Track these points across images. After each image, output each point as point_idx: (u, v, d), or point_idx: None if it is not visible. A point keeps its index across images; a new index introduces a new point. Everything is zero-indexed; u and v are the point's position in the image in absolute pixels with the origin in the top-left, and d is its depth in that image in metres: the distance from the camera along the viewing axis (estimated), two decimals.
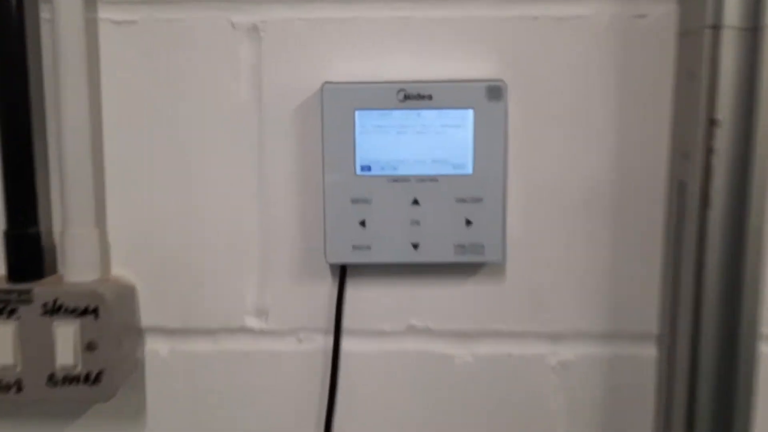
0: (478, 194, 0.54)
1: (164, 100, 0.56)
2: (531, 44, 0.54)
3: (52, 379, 0.53)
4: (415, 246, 0.55)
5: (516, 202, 0.56)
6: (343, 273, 0.57)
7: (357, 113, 0.53)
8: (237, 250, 0.57)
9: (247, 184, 0.56)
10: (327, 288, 0.57)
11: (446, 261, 0.55)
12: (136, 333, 0.57)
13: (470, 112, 0.53)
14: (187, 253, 0.57)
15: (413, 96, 0.53)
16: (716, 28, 0.49)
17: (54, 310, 0.52)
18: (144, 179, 0.56)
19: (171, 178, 0.56)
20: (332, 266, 0.57)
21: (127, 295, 0.56)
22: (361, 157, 0.54)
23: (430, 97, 0.53)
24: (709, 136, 0.50)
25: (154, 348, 0.58)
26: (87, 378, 0.54)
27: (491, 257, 0.55)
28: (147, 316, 0.57)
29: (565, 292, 0.56)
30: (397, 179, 0.54)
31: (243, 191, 0.56)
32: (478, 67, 0.55)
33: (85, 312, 0.53)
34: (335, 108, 0.53)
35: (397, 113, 0.53)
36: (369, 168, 0.54)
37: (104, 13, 0.55)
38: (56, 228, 0.56)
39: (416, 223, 0.54)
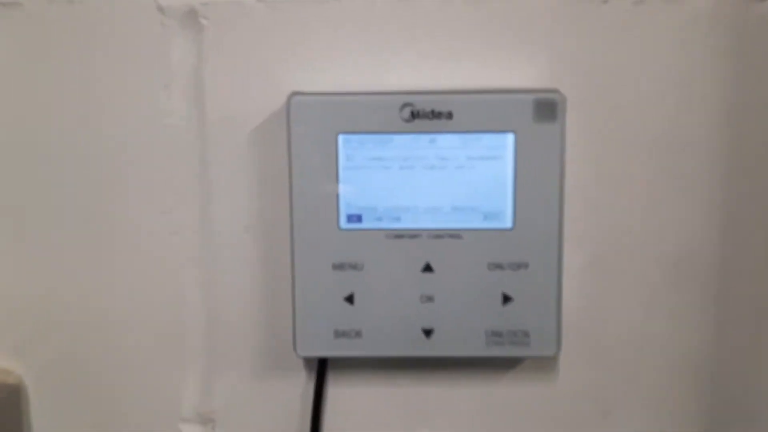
0: (520, 257, 0.38)
1: (65, 121, 0.40)
2: (598, 40, 0.38)
3: None
4: (428, 332, 0.39)
5: (575, 268, 0.40)
6: (321, 368, 0.41)
7: (341, 139, 0.38)
8: (171, 334, 0.42)
9: (185, 242, 0.41)
10: (299, 387, 0.42)
11: (473, 355, 0.40)
12: None
13: (510, 138, 0.37)
14: (99, 338, 0.42)
15: (425, 114, 0.37)
16: None
17: None
18: (37, 234, 0.41)
19: (77, 232, 0.41)
20: (307, 359, 0.41)
21: (8, 398, 0.42)
22: (348, 202, 0.38)
23: (449, 116, 0.37)
24: None
25: None
26: None
27: (540, 349, 0.39)
28: (42, 426, 0.43)
29: (643, 394, 0.42)
30: (400, 235, 0.38)
31: (180, 253, 0.41)
32: (521, 72, 0.39)
33: None
34: (309, 131, 0.38)
35: (400, 139, 0.38)
36: (359, 218, 0.38)
37: None
38: None
39: (429, 299, 0.39)
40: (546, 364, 0.41)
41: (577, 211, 0.39)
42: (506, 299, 0.39)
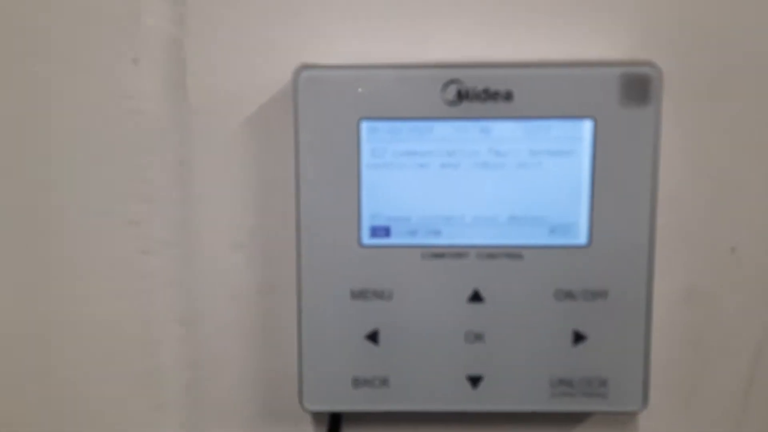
0: (598, 284, 0.30)
1: (4, 104, 0.31)
2: None
3: None
4: (475, 381, 0.30)
5: (667, 299, 0.31)
6: (334, 425, 0.32)
7: (365, 127, 0.29)
8: (143, 382, 0.33)
9: (159, 263, 0.32)
10: None
11: (534, 409, 0.31)
12: None
13: (587, 127, 0.29)
14: (51, 388, 0.33)
15: (476, 94, 0.28)
16: None
17: None
18: None
19: (19, 251, 0.32)
20: (316, 414, 0.32)
21: None
22: (373, 211, 0.30)
23: (508, 96, 0.28)
24: None
25: None
26: None
27: (621, 403, 0.30)
28: None
29: None
30: (441, 253, 0.30)
31: (152, 277, 0.32)
32: (603, 41, 0.30)
33: None
34: (323, 116, 0.29)
35: (443, 127, 0.29)
36: (386, 232, 0.30)
37: None
38: None
39: (477, 337, 0.30)
40: (624, 419, 0.32)
41: (672, 225, 0.30)
42: (578, 338, 0.30)
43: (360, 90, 0.28)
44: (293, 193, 0.29)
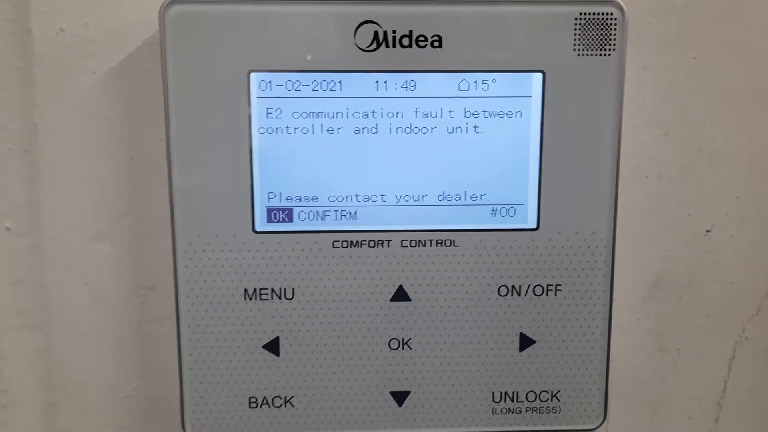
0: (548, 277, 0.25)
1: None
2: None
3: None
4: (400, 397, 0.25)
5: (629, 294, 0.27)
6: None
7: (255, 81, 0.23)
8: None
9: (2, 257, 0.25)
10: None
11: (475, 429, 0.26)
12: None
13: (535, 81, 0.23)
14: None
15: (397, 39, 0.23)
16: None
17: None
18: None
19: None
20: None
21: None
22: (268, 189, 0.24)
23: (437, 43, 0.23)
24: None
25: None
26: None
27: (576, 419, 0.26)
28: None
29: None
30: (356, 241, 0.24)
31: None
32: None
33: None
34: (200, 67, 0.23)
35: (356, 82, 0.23)
36: (288, 216, 0.24)
37: None
38: None
39: (403, 344, 0.25)
40: None
41: (637, 204, 0.25)
42: (525, 342, 0.25)
43: (248, 32, 0.22)
44: (165, 167, 0.23)
